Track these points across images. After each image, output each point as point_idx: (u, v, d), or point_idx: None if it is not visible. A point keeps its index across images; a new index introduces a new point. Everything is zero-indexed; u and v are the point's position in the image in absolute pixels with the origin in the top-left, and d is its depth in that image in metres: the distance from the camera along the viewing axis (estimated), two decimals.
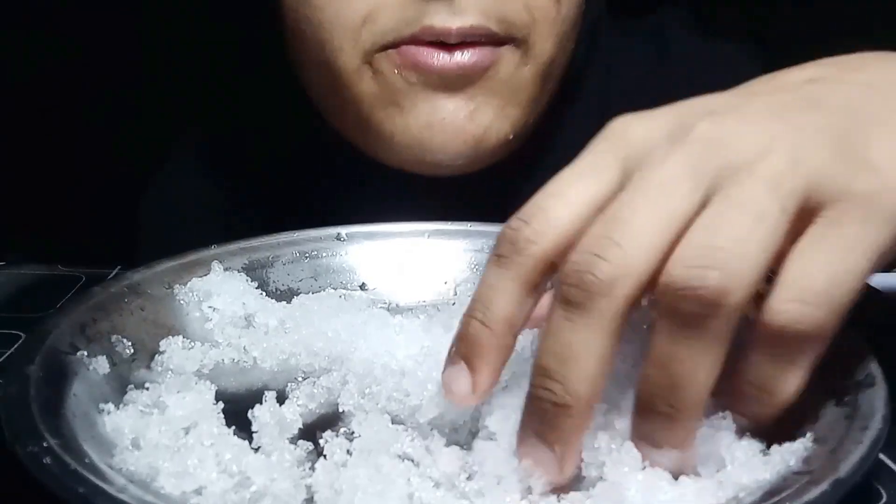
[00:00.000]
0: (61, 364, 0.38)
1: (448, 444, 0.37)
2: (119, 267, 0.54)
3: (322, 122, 0.59)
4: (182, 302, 0.46)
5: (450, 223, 0.53)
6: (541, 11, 0.54)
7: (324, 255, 0.52)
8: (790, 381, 0.32)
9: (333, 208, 0.56)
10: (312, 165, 0.64)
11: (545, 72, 0.56)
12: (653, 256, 0.30)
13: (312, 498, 0.34)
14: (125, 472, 0.33)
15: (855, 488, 0.30)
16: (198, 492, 0.33)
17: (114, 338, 0.42)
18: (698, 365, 0.30)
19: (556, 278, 0.32)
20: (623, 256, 0.30)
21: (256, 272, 0.50)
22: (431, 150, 0.55)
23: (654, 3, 0.68)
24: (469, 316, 0.34)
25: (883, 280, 0.47)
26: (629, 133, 0.33)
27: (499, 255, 0.34)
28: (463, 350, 0.35)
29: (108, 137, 0.63)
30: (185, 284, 0.46)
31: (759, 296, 0.31)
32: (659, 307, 0.30)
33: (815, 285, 0.30)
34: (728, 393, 0.32)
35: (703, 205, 0.31)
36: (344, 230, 0.52)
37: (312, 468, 0.35)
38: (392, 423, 0.38)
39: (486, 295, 0.34)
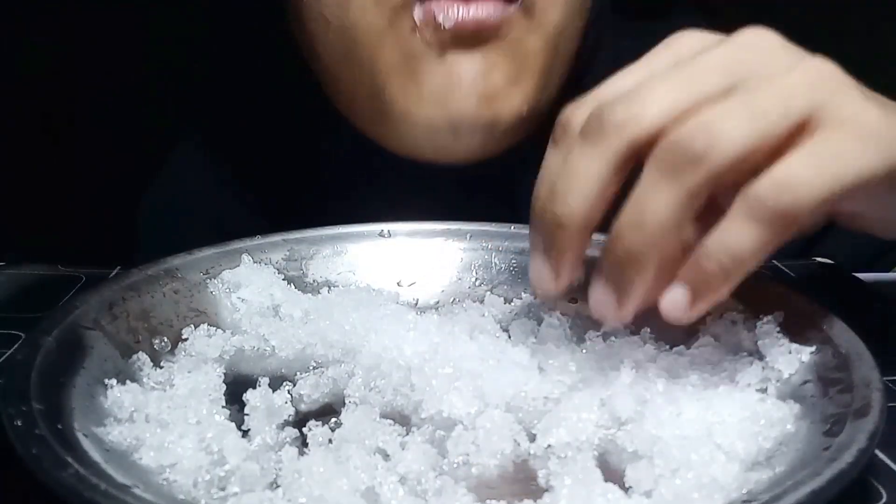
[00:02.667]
0: (79, 337, 0.40)
1: (431, 442, 0.36)
2: (119, 267, 0.55)
3: (327, 117, 0.58)
4: (213, 293, 0.47)
5: (492, 224, 0.52)
6: None
7: (364, 250, 0.52)
8: (751, 247, 0.35)
9: (335, 209, 0.55)
10: (313, 166, 0.64)
11: (553, 41, 0.55)
12: (664, 115, 0.35)
13: (276, 482, 0.34)
14: (107, 442, 0.35)
15: (855, 487, 0.30)
16: (172, 466, 0.34)
17: (139, 319, 0.44)
18: (666, 208, 0.35)
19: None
20: (641, 107, 0.36)
21: (296, 263, 0.51)
22: (446, 121, 0.54)
23: (667, 8, 0.65)
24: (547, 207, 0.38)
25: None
26: (687, 36, 0.39)
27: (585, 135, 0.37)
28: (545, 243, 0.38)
29: (108, 137, 0.64)
30: (217, 275, 0.48)
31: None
32: (651, 157, 0.35)
33: (799, 174, 0.34)
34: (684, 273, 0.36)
35: (724, 95, 0.35)
36: (387, 227, 0.53)
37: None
38: (385, 418, 0.38)
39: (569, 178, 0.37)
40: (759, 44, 0.38)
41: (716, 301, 0.36)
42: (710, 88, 0.36)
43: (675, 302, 0.36)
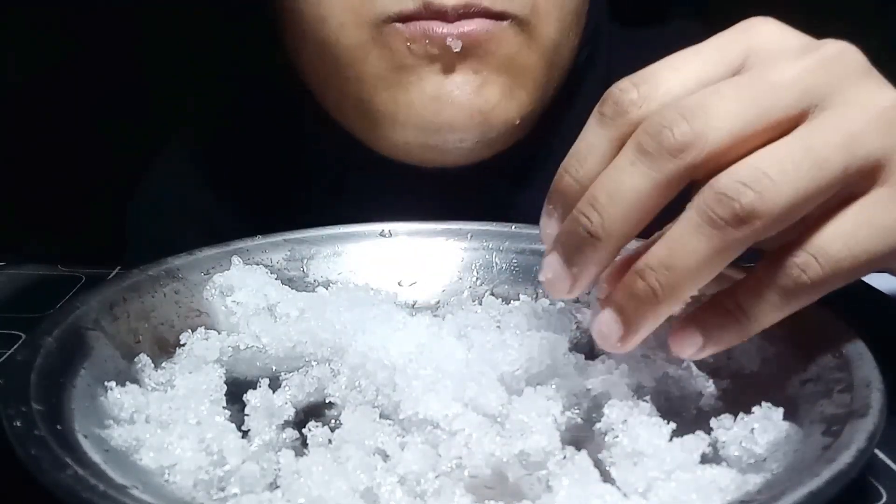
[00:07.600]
0: (80, 338, 0.40)
1: (427, 443, 0.36)
2: (119, 267, 0.55)
3: (317, 117, 0.58)
4: (207, 298, 0.47)
5: (493, 224, 0.52)
6: None
7: (365, 250, 0.52)
8: (770, 315, 0.34)
9: (325, 210, 0.55)
10: (303, 167, 0.64)
11: (549, 57, 0.55)
12: (729, 140, 0.33)
13: (276, 483, 0.34)
14: (107, 443, 0.35)
15: (855, 487, 0.30)
16: (172, 466, 0.34)
17: (140, 319, 0.44)
18: (701, 258, 0.32)
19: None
20: (704, 128, 0.33)
21: (297, 263, 0.51)
22: (437, 128, 0.54)
23: (663, 15, 0.65)
24: (563, 171, 0.36)
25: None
26: (764, 30, 0.36)
27: (601, 114, 0.35)
28: (554, 201, 0.37)
29: (108, 138, 0.64)
30: (211, 279, 0.47)
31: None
32: (695, 201, 0.33)
33: (831, 249, 0.33)
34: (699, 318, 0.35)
35: (797, 120, 0.33)
36: (388, 227, 0.53)
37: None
38: (380, 418, 0.38)
39: (582, 152, 0.36)
40: (842, 62, 0.34)
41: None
42: (783, 114, 0.33)
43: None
